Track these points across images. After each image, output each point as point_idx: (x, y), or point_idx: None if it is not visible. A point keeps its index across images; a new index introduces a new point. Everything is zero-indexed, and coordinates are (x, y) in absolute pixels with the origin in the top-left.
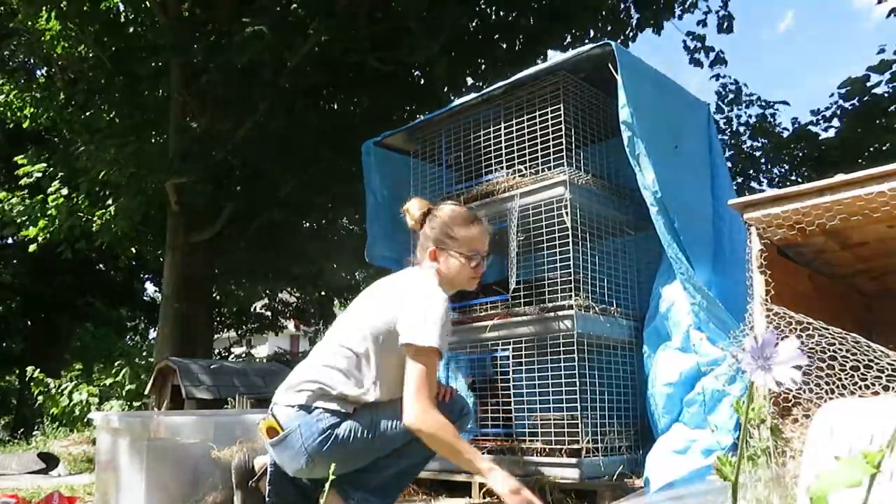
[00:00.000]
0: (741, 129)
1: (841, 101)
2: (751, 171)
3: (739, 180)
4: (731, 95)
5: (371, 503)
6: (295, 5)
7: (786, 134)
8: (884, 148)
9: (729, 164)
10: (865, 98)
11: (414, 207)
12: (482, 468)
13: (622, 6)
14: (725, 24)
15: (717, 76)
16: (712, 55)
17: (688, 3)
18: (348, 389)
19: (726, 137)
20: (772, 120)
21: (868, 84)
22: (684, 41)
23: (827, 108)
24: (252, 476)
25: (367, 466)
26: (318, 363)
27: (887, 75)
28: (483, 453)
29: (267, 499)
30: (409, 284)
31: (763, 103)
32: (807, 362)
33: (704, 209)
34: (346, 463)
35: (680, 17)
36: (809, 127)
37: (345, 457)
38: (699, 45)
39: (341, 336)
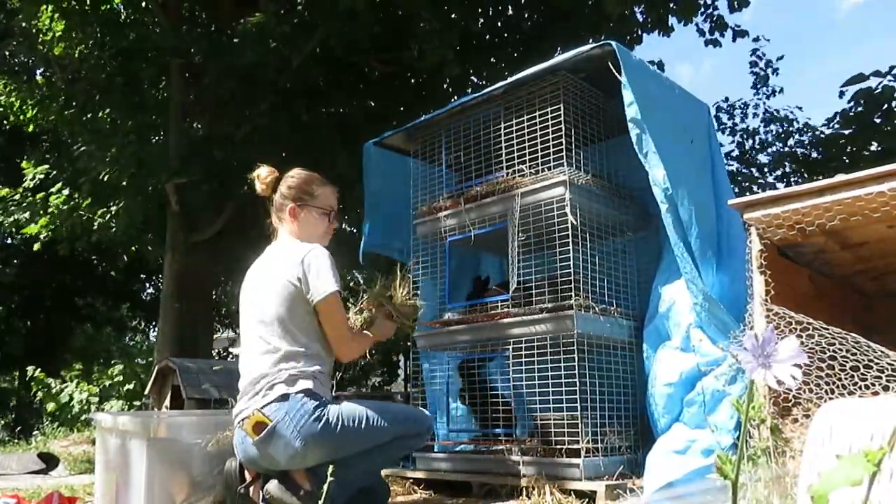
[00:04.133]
0: (755, 120)
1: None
2: (755, 171)
3: (741, 180)
4: (764, 72)
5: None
6: (300, 7)
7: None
8: (881, 148)
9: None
10: (865, 99)
11: (264, 172)
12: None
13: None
14: (737, 2)
15: (755, 51)
16: (730, 32)
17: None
18: (302, 362)
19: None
20: (786, 125)
21: (869, 85)
22: (697, 24)
23: (836, 116)
24: (242, 482)
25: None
26: (261, 360)
27: (888, 77)
28: (484, 453)
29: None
30: (287, 252)
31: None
32: (806, 360)
33: (709, 207)
34: (337, 448)
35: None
36: (823, 129)
37: (335, 440)
38: (713, 25)
39: (258, 329)
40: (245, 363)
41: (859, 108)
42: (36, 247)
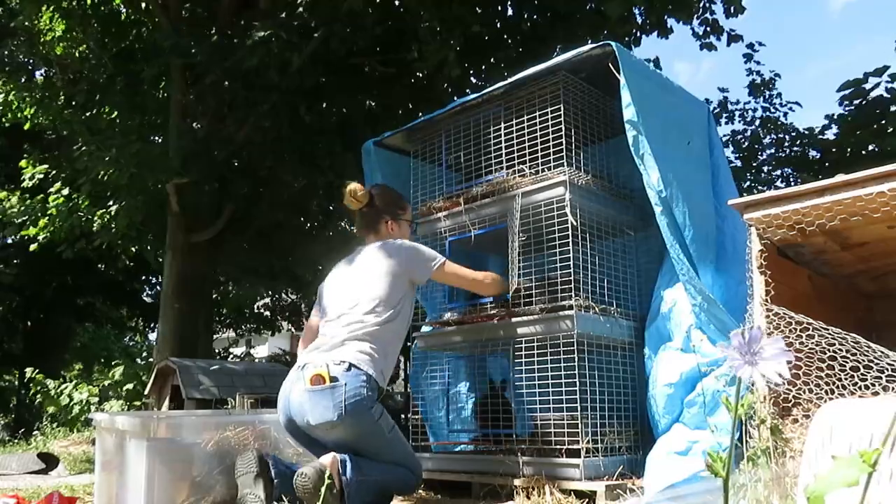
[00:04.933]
0: (752, 125)
1: (840, 104)
2: (754, 173)
3: (742, 181)
4: (761, 77)
5: (351, 490)
6: (301, 9)
7: (794, 134)
8: (875, 148)
9: (737, 165)
10: (864, 101)
11: (356, 188)
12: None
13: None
14: (733, 8)
15: (749, 57)
16: (725, 36)
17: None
18: (378, 351)
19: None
20: (783, 120)
21: (866, 86)
22: (692, 28)
23: (836, 116)
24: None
25: (375, 464)
26: (343, 330)
27: (885, 77)
28: (484, 453)
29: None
30: (391, 247)
31: (773, 105)
32: (792, 358)
33: (708, 208)
34: (361, 441)
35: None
36: (824, 130)
37: (366, 435)
38: (708, 28)
39: (351, 307)
40: (327, 330)
41: (852, 108)
42: (33, 247)
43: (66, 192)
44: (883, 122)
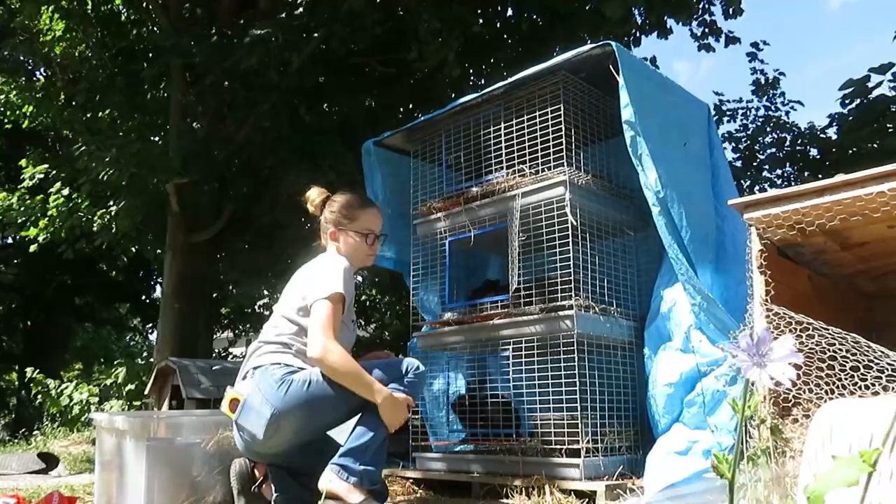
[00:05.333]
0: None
1: (843, 103)
2: (754, 172)
3: (742, 181)
4: (765, 77)
5: (368, 477)
6: (301, 10)
7: (795, 133)
8: (876, 148)
9: (737, 165)
10: (866, 99)
11: (314, 194)
12: (375, 391)
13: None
14: (731, 9)
15: (753, 56)
16: (723, 38)
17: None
18: (285, 342)
19: (736, 132)
20: (785, 118)
21: (869, 85)
22: (690, 28)
23: (839, 115)
24: (254, 482)
25: (351, 438)
26: (261, 344)
27: (888, 76)
28: (484, 453)
29: (274, 496)
30: (315, 264)
31: (776, 101)
32: (802, 360)
33: (707, 208)
34: (313, 416)
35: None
36: (825, 129)
37: (308, 406)
38: (706, 30)
39: (275, 321)
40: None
41: (854, 107)
42: (33, 248)
43: (66, 192)
44: (884, 121)
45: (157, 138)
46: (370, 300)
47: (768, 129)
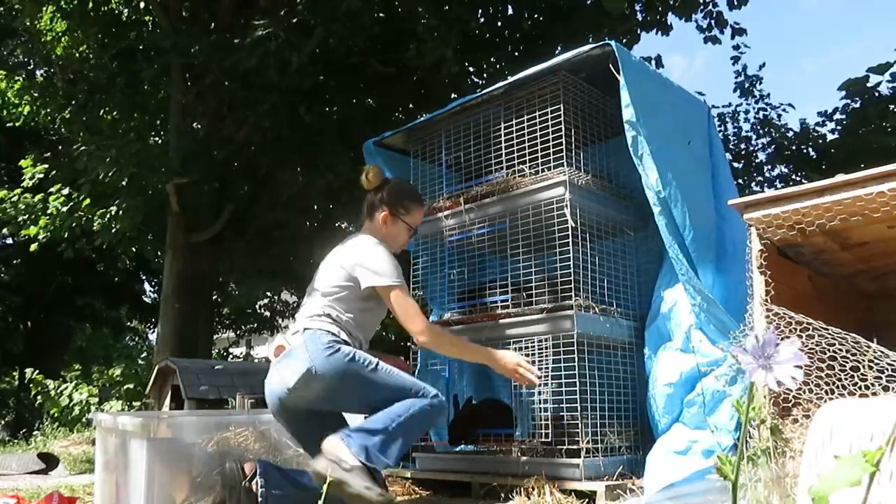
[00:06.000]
0: (746, 125)
1: (844, 102)
2: (753, 173)
3: (740, 181)
4: (744, 76)
5: (369, 454)
6: (300, 7)
7: (790, 134)
8: (876, 148)
9: (735, 165)
10: (865, 98)
11: (374, 172)
12: (483, 353)
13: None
14: (737, 0)
15: (737, 57)
16: (728, 30)
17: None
18: (336, 323)
19: (731, 136)
20: (777, 119)
21: (868, 85)
22: (696, 21)
23: (835, 112)
24: (243, 478)
25: (369, 420)
26: (313, 309)
27: (887, 76)
28: (484, 453)
29: (260, 497)
30: (364, 245)
31: (766, 104)
32: (807, 362)
33: (708, 208)
34: (343, 386)
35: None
36: (816, 128)
37: (343, 376)
38: (712, 21)
39: (322, 291)
40: (305, 305)
41: (855, 107)
42: (33, 247)
43: (66, 191)
44: (884, 121)
45: (157, 138)
46: None
47: (761, 132)
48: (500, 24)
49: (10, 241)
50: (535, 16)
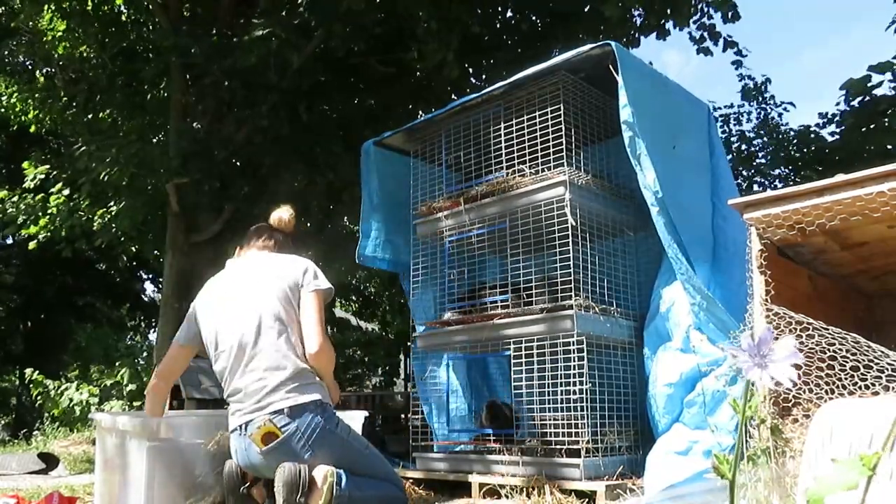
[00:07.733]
0: (748, 125)
1: (843, 102)
2: (753, 173)
3: (740, 181)
4: (749, 83)
5: (353, 499)
6: (301, 8)
7: (790, 135)
8: (876, 148)
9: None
10: (866, 98)
11: (287, 215)
12: (334, 387)
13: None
14: (731, 14)
15: (739, 64)
16: (721, 41)
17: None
18: (300, 360)
19: (734, 139)
20: (778, 119)
21: (869, 84)
22: (689, 32)
23: (834, 115)
24: (244, 482)
25: (366, 480)
26: (271, 353)
27: (888, 75)
28: (484, 453)
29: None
30: (280, 258)
31: (769, 104)
32: (803, 360)
33: (704, 209)
34: (341, 458)
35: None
36: (815, 129)
37: (340, 452)
38: (705, 34)
39: (258, 325)
40: (238, 367)
41: (856, 107)
42: (31, 245)
43: (66, 192)
44: (885, 121)
45: (157, 138)
46: (371, 295)
47: (762, 133)
48: (498, 25)
49: (10, 240)
50: (534, 18)
